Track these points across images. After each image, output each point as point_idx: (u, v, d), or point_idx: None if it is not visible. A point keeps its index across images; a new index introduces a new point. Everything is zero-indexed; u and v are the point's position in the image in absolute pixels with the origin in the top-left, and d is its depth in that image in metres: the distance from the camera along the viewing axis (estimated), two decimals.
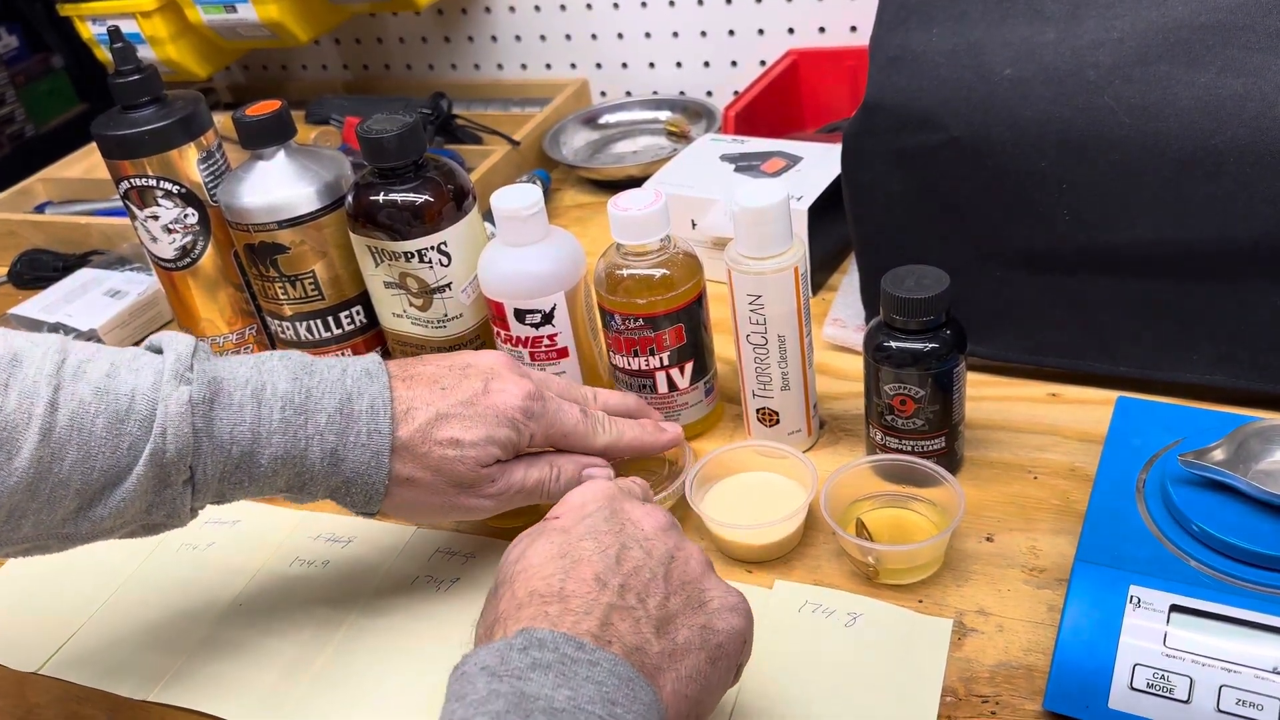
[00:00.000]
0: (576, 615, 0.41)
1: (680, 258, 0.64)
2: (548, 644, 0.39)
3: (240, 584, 0.64)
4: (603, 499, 0.48)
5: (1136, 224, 0.62)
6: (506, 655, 0.39)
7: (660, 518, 0.48)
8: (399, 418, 0.53)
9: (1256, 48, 0.58)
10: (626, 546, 0.45)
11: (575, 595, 0.42)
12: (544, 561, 0.44)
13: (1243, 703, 0.45)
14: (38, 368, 0.48)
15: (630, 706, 0.39)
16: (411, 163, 0.66)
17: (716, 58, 1.16)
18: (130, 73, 0.70)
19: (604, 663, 0.39)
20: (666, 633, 0.43)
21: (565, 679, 0.38)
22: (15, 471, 0.47)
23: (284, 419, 0.52)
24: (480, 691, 0.38)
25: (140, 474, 0.49)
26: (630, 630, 0.42)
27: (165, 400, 0.49)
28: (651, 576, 0.44)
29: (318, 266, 0.70)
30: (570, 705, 0.37)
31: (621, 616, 0.42)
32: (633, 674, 0.40)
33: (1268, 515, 0.50)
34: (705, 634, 0.44)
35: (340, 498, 0.54)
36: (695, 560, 0.47)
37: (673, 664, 0.42)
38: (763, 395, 0.65)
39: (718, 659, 0.44)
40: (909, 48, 0.66)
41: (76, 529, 0.50)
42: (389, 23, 1.30)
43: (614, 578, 0.43)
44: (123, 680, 0.59)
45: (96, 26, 1.08)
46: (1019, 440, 0.65)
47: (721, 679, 0.44)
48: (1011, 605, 0.55)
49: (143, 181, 0.71)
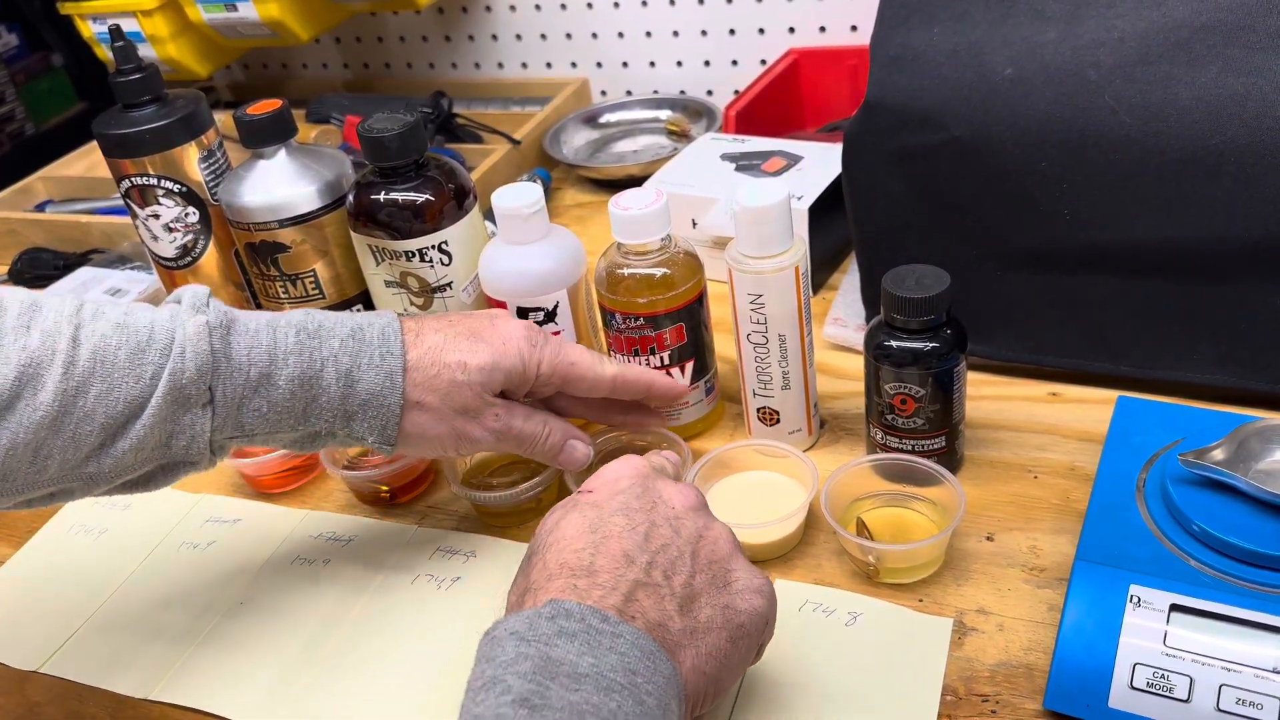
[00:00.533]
0: (604, 589, 0.43)
1: (681, 257, 0.64)
2: (574, 614, 0.41)
3: (242, 582, 0.64)
4: (635, 476, 0.49)
5: (1137, 223, 0.62)
6: (535, 623, 0.41)
7: (691, 497, 0.49)
8: (409, 342, 0.55)
9: (1257, 47, 0.58)
10: (656, 524, 0.46)
11: (603, 570, 0.44)
12: (575, 535, 0.45)
13: (1242, 702, 0.45)
14: (57, 311, 0.50)
15: (650, 677, 0.40)
16: (412, 162, 0.66)
17: (717, 57, 1.16)
18: (131, 71, 0.70)
19: (627, 635, 0.41)
20: (689, 611, 0.44)
21: (590, 648, 0.40)
22: (40, 406, 0.47)
23: (299, 342, 0.53)
24: (509, 654, 0.40)
25: (160, 399, 0.49)
26: (654, 606, 0.43)
27: (183, 326, 0.50)
28: (678, 555, 0.45)
29: (318, 265, 0.70)
30: (593, 671, 0.39)
31: (647, 593, 0.43)
32: (654, 648, 0.41)
33: (1268, 515, 0.50)
34: (728, 614, 0.45)
35: (356, 427, 0.54)
36: (723, 541, 0.48)
37: (694, 641, 0.44)
38: (763, 394, 0.66)
39: (738, 638, 0.45)
40: (910, 47, 0.66)
41: (100, 466, 0.50)
42: (389, 21, 1.30)
43: (642, 555, 0.44)
44: (124, 678, 0.59)
45: (97, 25, 1.08)
46: (1019, 439, 0.65)
47: (742, 657, 0.46)
48: (1012, 604, 0.55)
49: (144, 180, 0.71)
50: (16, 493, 0.49)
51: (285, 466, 0.70)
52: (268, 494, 0.71)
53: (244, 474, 0.71)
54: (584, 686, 0.39)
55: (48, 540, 0.70)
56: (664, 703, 0.41)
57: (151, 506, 0.72)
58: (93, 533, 0.70)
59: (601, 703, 0.38)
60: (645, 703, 0.40)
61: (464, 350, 0.55)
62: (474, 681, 0.40)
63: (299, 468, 0.71)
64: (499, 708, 0.37)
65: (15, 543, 0.71)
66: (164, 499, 0.72)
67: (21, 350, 0.48)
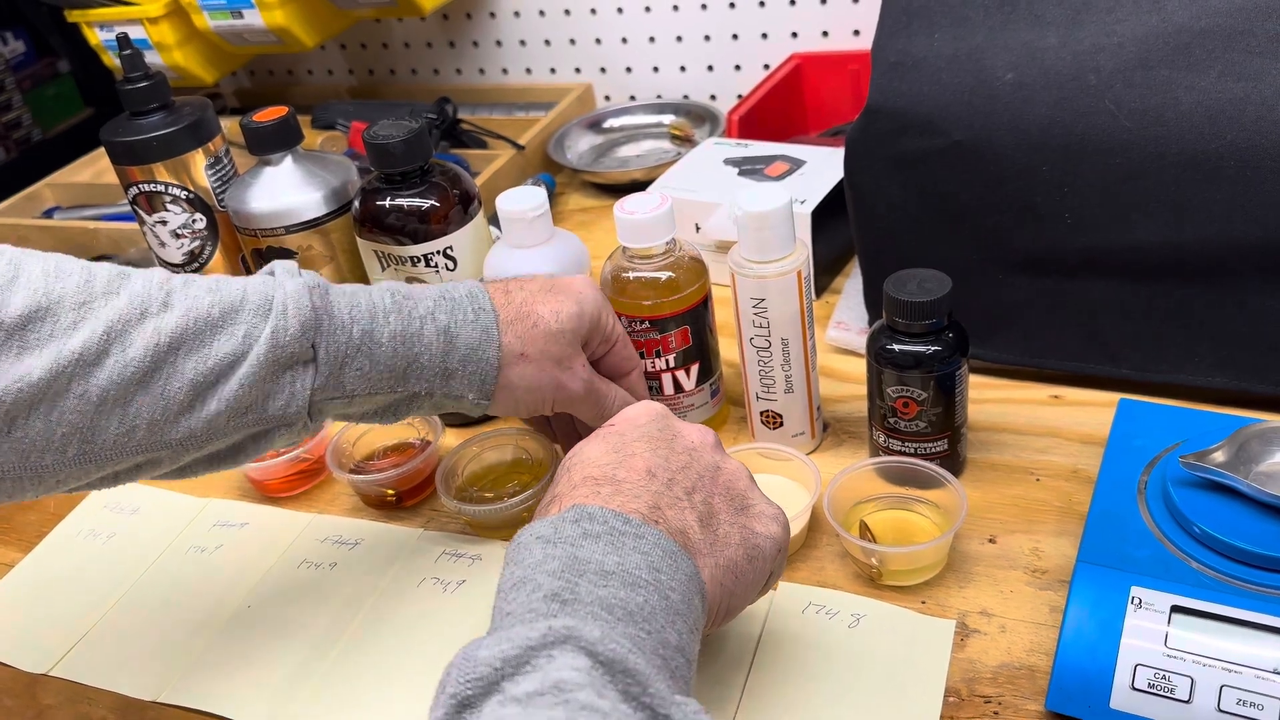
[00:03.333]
0: (626, 497, 0.44)
1: (686, 261, 0.64)
2: (597, 518, 0.43)
3: (249, 586, 0.64)
4: (655, 415, 0.50)
5: (1137, 227, 0.62)
6: (559, 526, 0.42)
7: (709, 435, 0.50)
8: (498, 301, 0.56)
9: (1256, 52, 0.58)
10: (675, 452, 0.48)
11: (626, 481, 0.45)
12: (599, 454, 0.47)
13: (1243, 703, 0.45)
14: (146, 278, 0.49)
15: (673, 575, 0.42)
16: (417, 168, 0.66)
17: (720, 62, 1.17)
18: (139, 79, 0.70)
19: (650, 536, 0.42)
20: (709, 525, 0.46)
21: (615, 548, 0.41)
22: (130, 362, 0.47)
23: (395, 302, 0.54)
24: (536, 556, 0.41)
25: (259, 357, 0.49)
26: (675, 516, 0.45)
27: (282, 286, 0.51)
28: (698, 477, 0.47)
29: (325, 271, 0.71)
30: (619, 569, 0.41)
31: (669, 503, 0.45)
32: (675, 548, 0.43)
33: (1268, 517, 0.50)
34: (745, 533, 0.47)
35: (455, 385, 0.55)
36: (740, 475, 0.49)
37: (713, 551, 0.45)
38: (766, 398, 0.66)
39: (755, 558, 0.47)
40: (911, 53, 0.66)
41: (190, 429, 0.49)
42: (394, 28, 1.31)
43: (663, 472, 0.46)
44: (132, 681, 0.59)
45: (104, 32, 1.08)
46: (1021, 442, 0.66)
47: (756, 579, 0.47)
48: (1014, 606, 0.55)
49: (151, 187, 0.72)
50: (105, 460, 0.48)
51: (292, 470, 0.71)
52: (274, 498, 0.72)
53: (251, 478, 0.72)
54: (611, 583, 0.40)
55: (57, 544, 0.71)
56: (688, 598, 0.42)
57: (160, 510, 0.72)
58: (101, 537, 0.71)
59: (629, 597, 0.40)
60: (670, 598, 0.41)
61: (551, 302, 0.57)
62: (504, 583, 0.41)
63: (305, 471, 0.72)
64: (531, 603, 0.39)
65: (25, 547, 0.71)
66: (172, 503, 0.73)
67: (111, 310, 0.47)
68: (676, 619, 0.41)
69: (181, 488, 0.74)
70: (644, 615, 0.40)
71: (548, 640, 0.36)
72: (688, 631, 0.41)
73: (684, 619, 0.41)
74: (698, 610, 0.43)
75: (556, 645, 0.35)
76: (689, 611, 0.42)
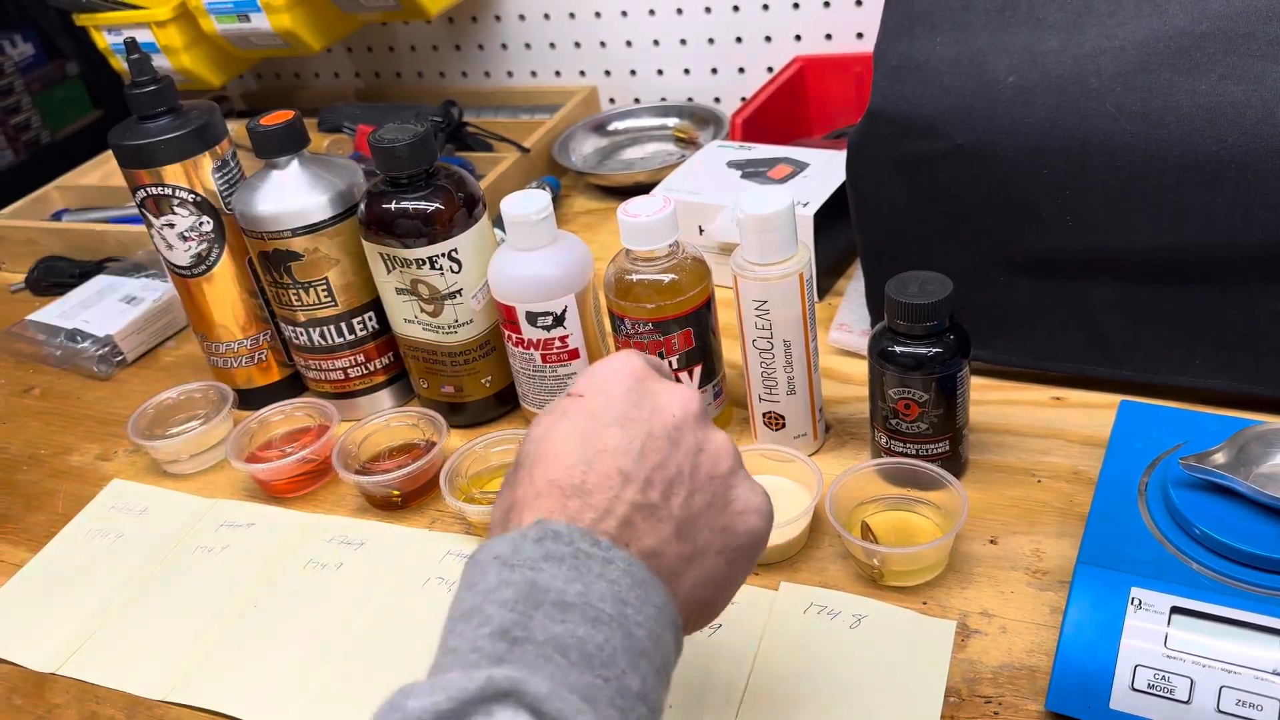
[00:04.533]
0: (596, 512, 0.40)
1: (689, 263, 0.65)
2: (563, 537, 0.38)
3: (255, 586, 0.65)
4: (631, 378, 0.44)
5: (1138, 230, 0.62)
6: (520, 545, 0.38)
7: (692, 402, 0.44)
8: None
9: (1256, 55, 0.58)
10: (653, 435, 0.42)
11: (596, 490, 0.40)
12: (566, 449, 0.41)
13: (1242, 703, 0.46)
14: None
15: (641, 608, 0.38)
16: (423, 171, 0.67)
17: (724, 65, 1.17)
18: (146, 83, 0.71)
19: (619, 562, 0.38)
20: (686, 535, 0.41)
21: (579, 573, 0.37)
22: None
23: None
24: (491, 580, 0.37)
25: None
26: (650, 531, 0.40)
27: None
28: (677, 472, 0.42)
29: (331, 273, 0.71)
30: (581, 600, 0.37)
31: (643, 516, 0.40)
32: (647, 576, 0.39)
33: (1268, 518, 0.50)
34: (726, 536, 0.43)
35: None
36: (724, 454, 0.44)
37: (690, 566, 0.41)
38: (769, 399, 0.66)
39: (736, 560, 0.43)
40: (913, 56, 0.66)
41: None
42: (400, 31, 1.32)
43: (638, 471, 0.41)
44: (140, 680, 0.60)
45: (112, 36, 1.09)
46: (1022, 444, 0.66)
47: (737, 580, 0.44)
48: (1014, 607, 0.55)
49: (158, 190, 0.72)
50: None
51: (298, 471, 0.71)
52: (281, 498, 0.72)
53: (257, 479, 0.72)
54: (570, 617, 0.36)
55: (65, 544, 0.72)
56: (655, 634, 0.38)
57: (167, 511, 0.73)
58: (109, 537, 0.71)
59: (588, 635, 0.36)
60: (635, 635, 0.37)
61: None
62: (454, 610, 0.37)
63: (312, 472, 0.72)
64: (477, 640, 0.35)
65: (34, 547, 0.72)
66: (179, 503, 0.73)
67: None
68: (641, 660, 0.37)
69: (189, 488, 0.75)
70: (603, 659, 0.36)
71: (487, 694, 0.32)
72: (653, 674, 0.37)
73: (649, 660, 0.37)
74: (668, 646, 0.39)
75: (497, 700, 0.32)
76: (656, 650, 0.38)
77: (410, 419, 0.73)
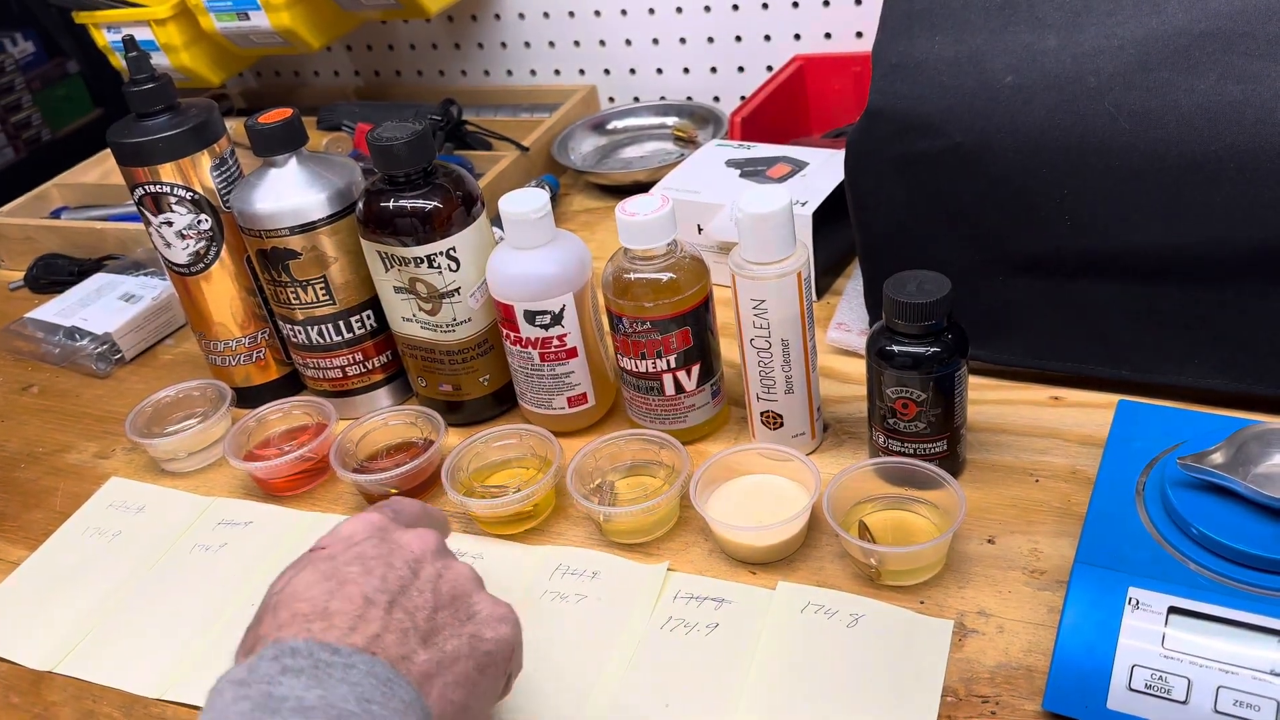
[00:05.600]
0: (341, 630, 0.41)
1: (687, 262, 0.65)
2: (300, 651, 0.39)
3: (253, 584, 0.65)
4: (371, 529, 0.47)
5: (1137, 229, 0.62)
6: (255, 666, 0.38)
7: (430, 540, 0.47)
8: None
9: (1256, 54, 0.58)
10: (394, 567, 0.45)
11: (339, 613, 0.41)
12: (309, 586, 0.43)
13: (1240, 704, 0.46)
14: None
15: (387, 704, 0.38)
16: (421, 170, 0.67)
17: (723, 64, 1.17)
18: (145, 81, 0.71)
19: (360, 665, 0.39)
20: (434, 643, 0.43)
21: (318, 681, 0.38)
22: None
23: None
24: (226, 699, 0.37)
25: None
26: (396, 643, 0.41)
27: None
28: (419, 594, 0.44)
29: (329, 272, 0.71)
30: (322, 703, 0.37)
31: (388, 628, 0.42)
32: (391, 674, 0.39)
33: (1266, 518, 0.50)
34: (474, 642, 0.44)
35: None
36: (464, 578, 0.47)
37: (440, 671, 0.42)
38: (766, 398, 0.66)
39: (486, 666, 0.44)
40: (912, 56, 0.66)
41: None
42: (399, 29, 1.32)
43: (382, 595, 0.43)
44: (137, 678, 0.60)
45: (111, 34, 1.09)
46: (1020, 443, 0.66)
47: (490, 687, 0.45)
48: (1012, 606, 0.55)
49: (157, 188, 0.72)
50: None
51: (296, 470, 0.71)
52: (279, 497, 0.72)
53: (255, 477, 0.72)
54: (313, 718, 0.36)
55: (62, 542, 0.72)
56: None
57: (164, 509, 0.73)
58: (106, 535, 0.71)
59: None
60: None
61: None
62: None
63: (310, 471, 0.72)
64: None
65: (31, 545, 0.72)
66: (176, 501, 0.73)
67: None
68: None
69: (187, 486, 0.75)
70: None
71: None
72: None
73: None
74: None
75: None
76: None
77: (408, 417, 0.73)
